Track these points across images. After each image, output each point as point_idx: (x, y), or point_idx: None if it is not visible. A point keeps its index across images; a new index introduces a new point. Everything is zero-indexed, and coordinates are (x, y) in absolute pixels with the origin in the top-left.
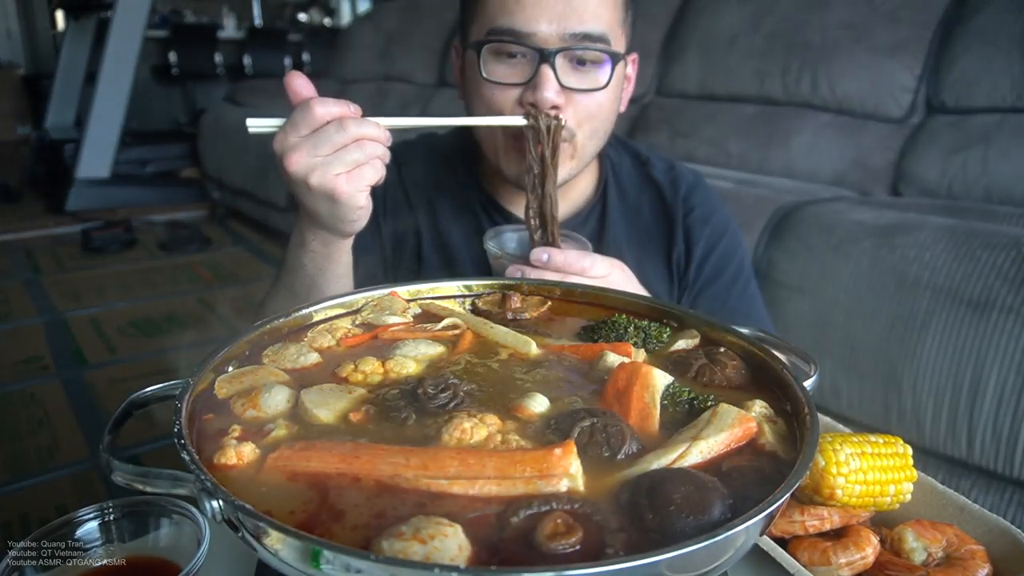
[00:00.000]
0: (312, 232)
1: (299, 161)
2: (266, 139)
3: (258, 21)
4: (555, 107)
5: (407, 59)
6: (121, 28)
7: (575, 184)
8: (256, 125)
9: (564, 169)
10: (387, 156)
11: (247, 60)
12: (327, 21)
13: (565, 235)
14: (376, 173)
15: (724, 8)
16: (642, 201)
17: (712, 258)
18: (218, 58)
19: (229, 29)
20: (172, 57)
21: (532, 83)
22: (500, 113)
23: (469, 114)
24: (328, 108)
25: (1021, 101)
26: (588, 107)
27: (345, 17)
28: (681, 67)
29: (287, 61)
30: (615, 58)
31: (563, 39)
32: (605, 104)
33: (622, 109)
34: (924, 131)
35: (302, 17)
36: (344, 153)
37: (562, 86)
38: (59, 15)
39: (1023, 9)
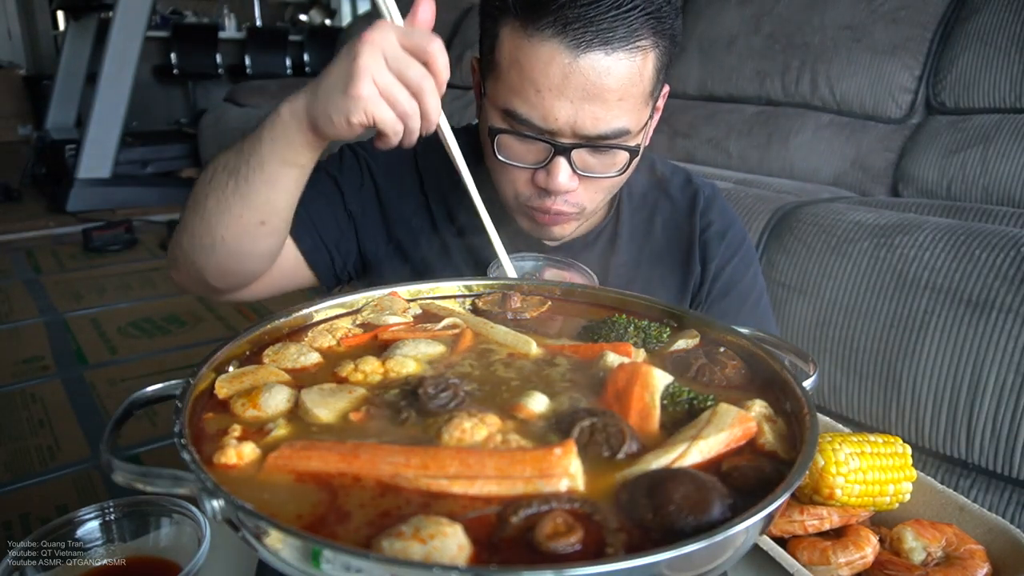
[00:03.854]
0: (287, 110)
1: (374, 48)
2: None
3: (259, 21)
4: (568, 191)
5: None
6: (122, 28)
7: None
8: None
9: (571, 227)
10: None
11: (247, 60)
12: (327, 21)
13: (568, 263)
14: (408, 104)
15: (724, 8)
16: (656, 220)
17: (725, 273)
18: (219, 58)
19: (230, 29)
20: (173, 57)
21: (546, 169)
22: (513, 186)
23: (487, 163)
24: (440, 49)
25: (1020, 101)
26: (603, 184)
27: (345, 17)
28: (681, 67)
29: (287, 61)
30: (633, 152)
31: (578, 136)
32: (622, 179)
33: (646, 143)
34: (924, 131)
35: (303, 17)
36: (403, 87)
37: (576, 172)
38: (60, 16)
39: (1022, 9)
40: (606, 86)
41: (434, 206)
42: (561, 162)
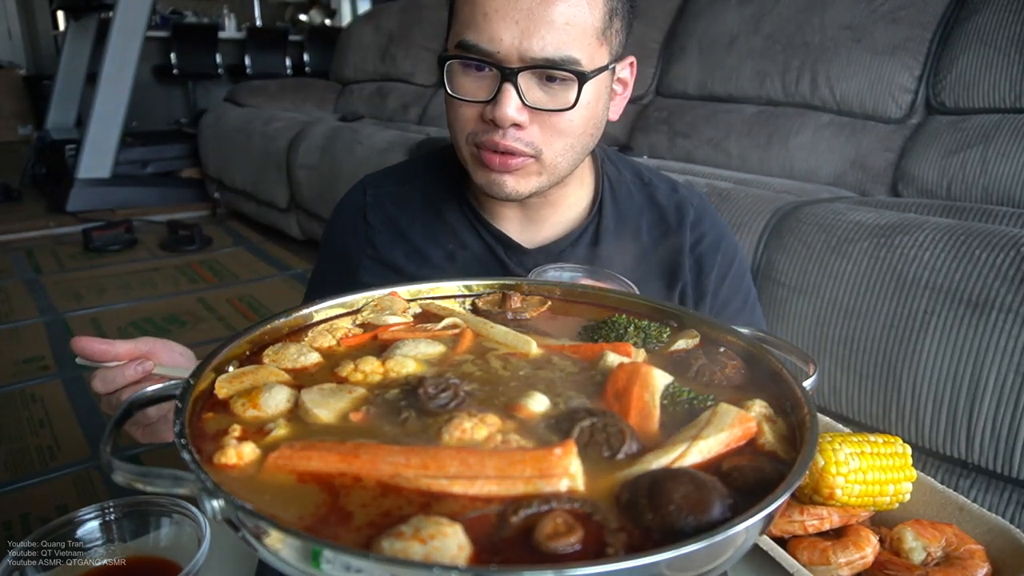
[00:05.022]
0: None
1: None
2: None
3: (259, 21)
4: (516, 124)
5: (407, 59)
6: (122, 28)
7: (564, 200)
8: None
9: (530, 183)
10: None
11: (247, 60)
12: (327, 21)
13: (606, 274)
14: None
15: (724, 8)
16: (642, 224)
17: (724, 286)
18: (219, 58)
19: (230, 29)
20: (173, 57)
21: (494, 100)
22: (465, 126)
23: (448, 124)
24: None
25: (1020, 101)
26: (556, 124)
27: (345, 17)
28: (681, 67)
29: (287, 61)
30: (582, 78)
31: (524, 59)
32: (577, 122)
33: (614, 117)
34: (924, 131)
35: (303, 17)
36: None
37: (525, 104)
38: (60, 16)
39: (1022, 10)
40: (552, 8)
41: (384, 254)
42: (508, 90)
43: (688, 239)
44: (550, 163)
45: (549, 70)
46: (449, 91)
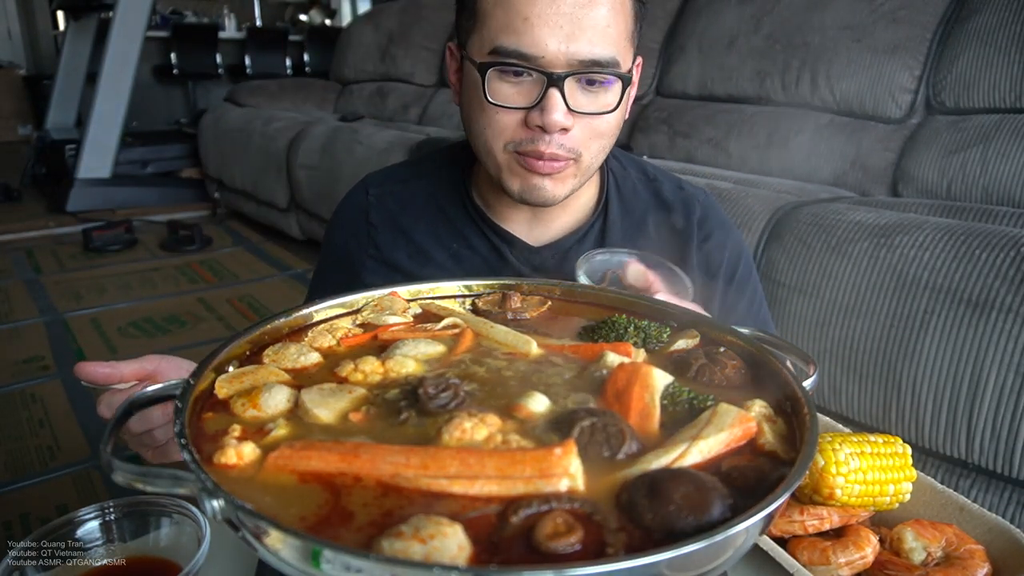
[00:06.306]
0: None
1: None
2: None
3: (259, 21)
4: (564, 129)
5: (407, 59)
6: (122, 28)
7: (574, 199)
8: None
9: (567, 185)
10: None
11: (247, 60)
12: (327, 21)
13: (652, 259)
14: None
15: (724, 8)
16: (648, 221)
17: (732, 284)
18: (219, 58)
19: (230, 29)
20: (173, 57)
21: (540, 106)
22: (503, 134)
23: (470, 130)
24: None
25: (1020, 101)
26: (597, 127)
27: (345, 17)
28: (681, 67)
29: (287, 61)
30: (625, 81)
31: (571, 63)
32: (613, 122)
33: (625, 116)
34: (924, 131)
35: (303, 17)
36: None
37: (570, 109)
38: (60, 16)
39: (1022, 9)
40: (594, 11)
41: (387, 254)
42: (555, 95)
43: (695, 236)
44: (586, 165)
45: (593, 74)
46: (490, 99)
